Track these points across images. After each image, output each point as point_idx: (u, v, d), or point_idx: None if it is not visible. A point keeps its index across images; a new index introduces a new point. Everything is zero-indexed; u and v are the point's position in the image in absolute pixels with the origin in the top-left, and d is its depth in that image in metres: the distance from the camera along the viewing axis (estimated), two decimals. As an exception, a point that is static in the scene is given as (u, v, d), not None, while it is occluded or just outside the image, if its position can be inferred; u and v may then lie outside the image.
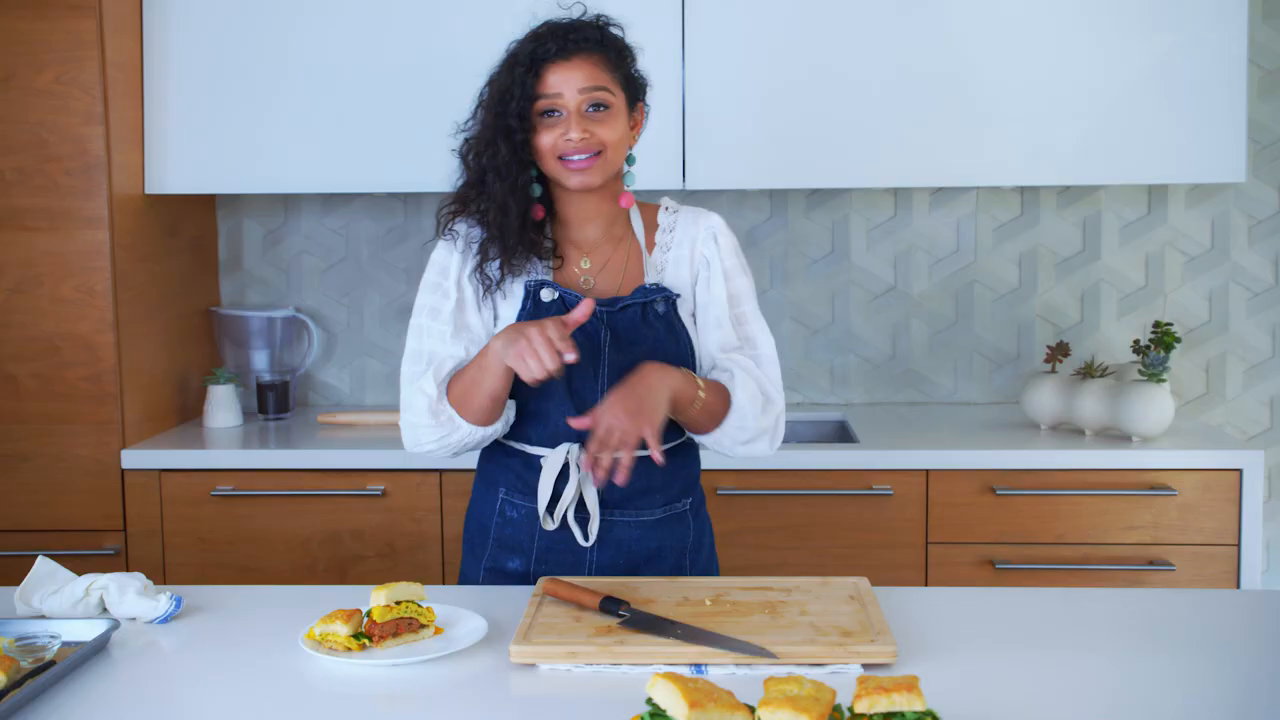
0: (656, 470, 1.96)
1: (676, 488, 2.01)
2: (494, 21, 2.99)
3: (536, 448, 1.96)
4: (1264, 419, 3.43)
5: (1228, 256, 3.40)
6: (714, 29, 3.03)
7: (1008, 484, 2.88)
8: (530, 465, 1.97)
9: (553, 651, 1.57)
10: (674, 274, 2.01)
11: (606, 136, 1.89)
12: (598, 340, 1.92)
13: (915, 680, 1.30)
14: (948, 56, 3.02)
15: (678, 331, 1.97)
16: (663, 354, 1.93)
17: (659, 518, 1.99)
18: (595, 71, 1.89)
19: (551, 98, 1.88)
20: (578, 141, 1.87)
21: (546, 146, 1.89)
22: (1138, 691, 1.51)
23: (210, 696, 1.54)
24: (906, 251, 3.45)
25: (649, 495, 1.97)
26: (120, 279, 2.94)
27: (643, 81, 1.99)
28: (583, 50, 1.89)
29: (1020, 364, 3.45)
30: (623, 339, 1.93)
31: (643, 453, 1.93)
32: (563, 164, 1.90)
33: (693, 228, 2.03)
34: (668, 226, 2.03)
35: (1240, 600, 1.91)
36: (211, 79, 3.07)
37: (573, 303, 1.92)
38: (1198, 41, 2.99)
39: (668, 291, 1.97)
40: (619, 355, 1.92)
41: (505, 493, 2.00)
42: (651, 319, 1.95)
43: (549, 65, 1.88)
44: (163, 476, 2.94)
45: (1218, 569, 2.87)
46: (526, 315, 1.93)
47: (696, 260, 2.01)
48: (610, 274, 1.99)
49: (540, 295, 1.93)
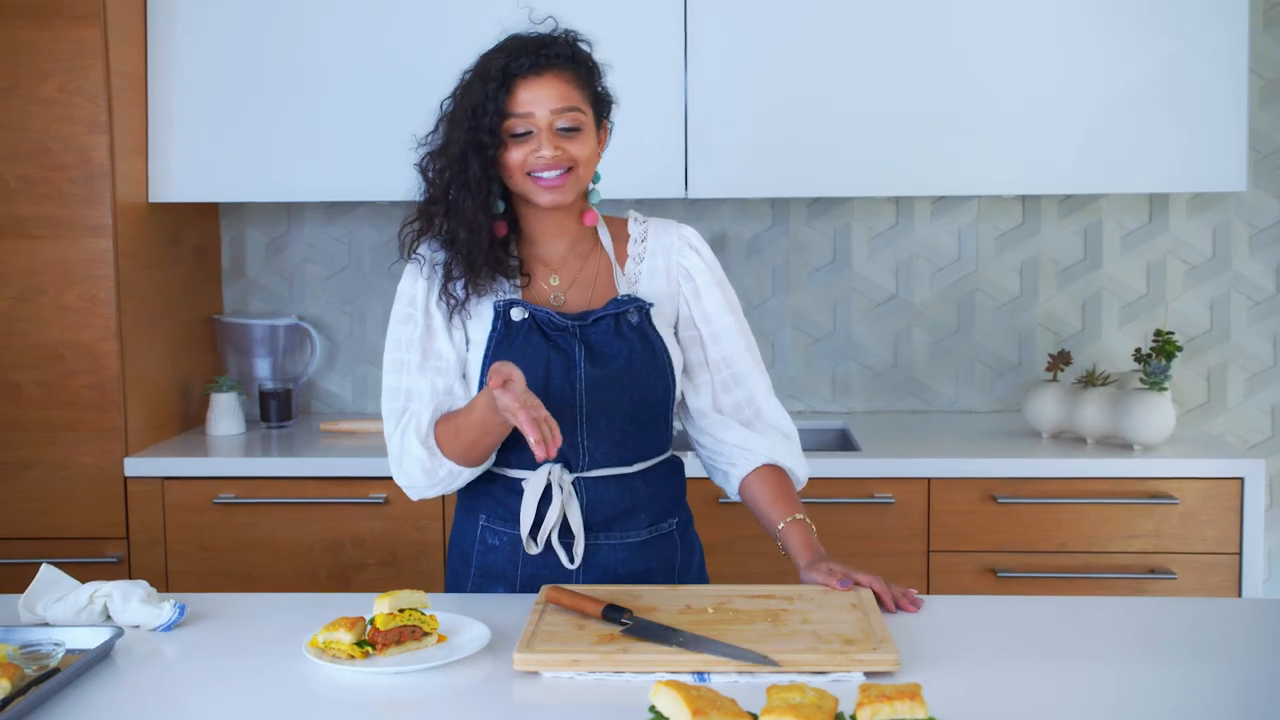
0: (640, 490, 1.94)
1: (661, 507, 1.99)
2: (497, 31, 3.01)
3: (517, 471, 1.93)
4: (1265, 428, 3.43)
5: (1229, 265, 3.40)
6: (716, 38, 3.04)
7: (1009, 492, 2.88)
8: (511, 489, 1.94)
9: (556, 659, 1.57)
10: (648, 285, 1.99)
11: (577, 153, 1.88)
12: (572, 355, 1.90)
13: (918, 688, 1.31)
14: (949, 66, 3.03)
15: (652, 341, 1.94)
16: (638, 365, 1.91)
17: (645, 539, 1.96)
18: (567, 90, 1.87)
19: (523, 116, 1.86)
20: (550, 159, 1.85)
21: (516, 163, 1.87)
22: (1140, 700, 1.51)
23: (214, 704, 1.54)
24: (908, 260, 3.46)
25: (634, 516, 1.95)
26: (124, 287, 2.95)
27: (609, 98, 1.97)
28: (554, 66, 1.87)
29: (1022, 372, 3.46)
30: (597, 352, 1.90)
31: (624, 470, 1.93)
32: (533, 180, 1.87)
33: (665, 237, 2.01)
34: (638, 237, 2.01)
35: (1242, 609, 1.92)
36: (215, 88, 3.08)
37: (543, 320, 1.90)
38: (1198, 50, 3.00)
39: (640, 301, 1.95)
40: (594, 369, 1.90)
41: (486, 519, 1.97)
42: (625, 330, 1.92)
43: (520, 80, 1.86)
44: (165, 484, 2.95)
45: (1219, 578, 2.87)
46: (497, 336, 1.90)
47: (674, 270, 2.00)
48: (580, 289, 1.97)
49: (510, 314, 1.91)
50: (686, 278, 2.00)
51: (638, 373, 1.91)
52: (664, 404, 1.97)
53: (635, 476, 1.95)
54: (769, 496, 1.97)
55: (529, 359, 1.88)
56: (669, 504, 2.01)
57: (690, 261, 2.00)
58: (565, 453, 1.91)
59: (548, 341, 1.90)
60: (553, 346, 1.89)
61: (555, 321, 1.91)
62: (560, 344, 1.90)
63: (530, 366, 1.87)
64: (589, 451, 1.92)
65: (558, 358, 1.89)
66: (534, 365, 1.88)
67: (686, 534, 2.05)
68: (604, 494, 1.92)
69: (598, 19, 1.98)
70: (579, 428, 1.90)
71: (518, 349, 1.89)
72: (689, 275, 2.00)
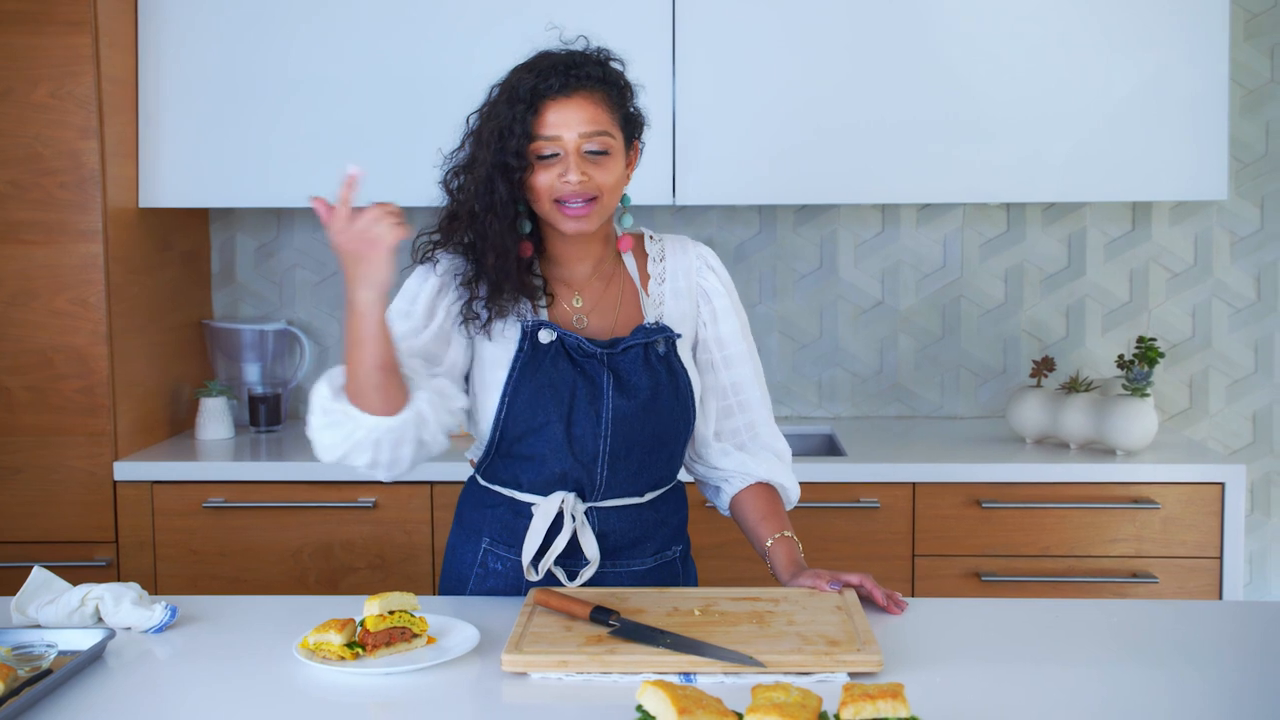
0: (649, 520, 1.94)
1: (667, 535, 1.98)
2: (487, 36, 3.04)
3: (528, 494, 1.91)
4: (1246, 433, 3.47)
5: (1210, 273, 3.44)
6: (705, 46, 3.06)
7: (993, 497, 2.90)
8: (519, 513, 1.91)
9: (544, 660, 1.59)
10: (674, 307, 1.95)
11: (603, 181, 1.82)
12: (599, 383, 1.86)
13: (900, 688, 1.33)
14: (935, 75, 3.06)
15: (677, 373, 1.91)
16: (665, 398, 1.89)
17: (650, 567, 1.96)
18: (596, 112, 1.82)
19: (550, 139, 1.81)
20: (576, 185, 1.80)
21: (543, 187, 1.82)
22: (1122, 701, 1.53)
23: (205, 705, 1.56)
24: (894, 267, 3.48)
25: (642, 545, 1.94)
26: (114, 292, 2.96)
27: (640, 119, 1.92)
28: (585, 88, 1.82)
29: (1006, 378, 3.49)
30: (625, 382, 1.87)
31: (636, 501, 1.92)
32: (558, 208, 1.82)
33: (684, 257, 1.98)
34: (656, 256, 1.98)
35: (1223, 611, 1.93)
36: (205, 94, 3.09)
37: (572, 346, 1.86)
38: (1180, 61, 3.03)
39: (669, 331, 1.91)
40: (622, 399, 1.86)
41: (489, 543, 1.94)
42: (654, 361, 1.89)
43: (548, 102, 1.80)
44: (155, 488, 2.96)
45: (1200, 582, 2.89)
46: (524, 357, 1.85)
47: (694, 291, 1.97)
48: (603, 312, 1.93)
49: (539, 337, 1.86)
50: (705, 300, 1.98)
51: (662, 405, 1.89)
52: (684, 436, 1.95)
53: (645, 506, 1.94)
54: (758, 513, 1.97)
55: (555, 383, 1.85)
56: (675, 532, 2.00)
57: (709, 283, 1.98)
58: (581, 481, 1.89)
59: (575, 367, 1.86)
60: (579, 372, 1.86)
61: (585, 348, 1.86)
62: (588, 370, 1.86)
63: (555, 391, 1.85)
64: (606, 481, 1.90)
65: (584, 384, 1.86)
66: (559, 390, 1.85)
67: (687, 561, 2.05)
68: (615, 524, 1.92)
69: (585, 27, 1.98)
70: (600, 458, 1.88)
71: (544, 372, 1.86)
72: (708, 297, 1.98)
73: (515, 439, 1.88)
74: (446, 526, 2.92)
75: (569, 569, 1.91)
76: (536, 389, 1.85)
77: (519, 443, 1.88)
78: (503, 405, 1.87)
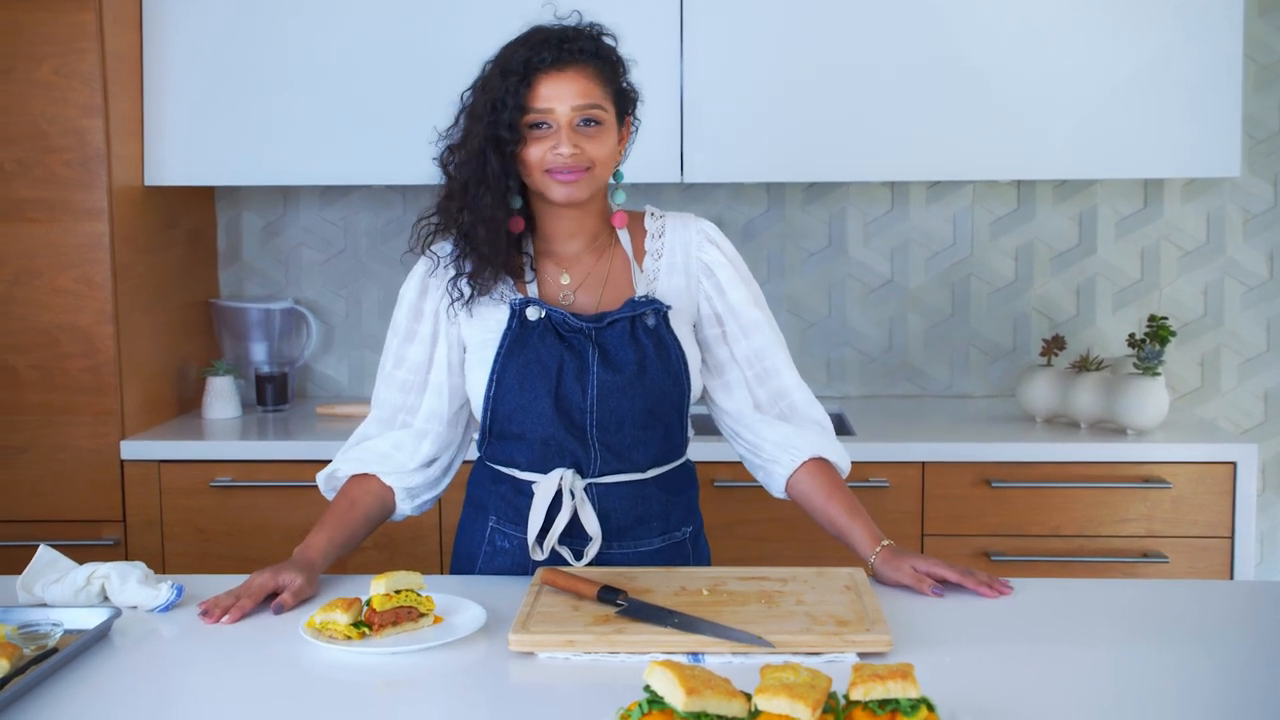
0: (654, 498, 1.93)
1: (676, 516, 1.97)
2: (492, 13, 3.01)
3: (528, 473, 1.91)
4: (1258, 412, 3.45)
5: (1223, 250, 3.41)
6: (712, 23, 3.04)
7: (1003, 477, 2.89)
8: (521, 491, 1.92)
9: (551, 640, 1.58)
10: (666, 282, 1.94)
11: (595, 153, 1.83)
12: (586, 358, 1.87)
13: (910, 668, 1.32)
14: (945, 51, 3.03)
15: (668, 346, 1.90)
16: (653, 371, 1.88)
17: (657, 548, 1.95)
18: (588, 86, 1.83)
19: (542, 111, 1.82)
20: (567, 157, 1.81)
21: (534, 159, 1.83)
22: (1132, 681, 1.52)
23: (211, 684, 1.55)
24: (903, 245, 3.46)
25: (647, 524, 1.93)
26: (119, 270, 2.95)
27: (633, 94, 1.93)
28: (577, 61, 1.83)
29: (1016, 357, 3.47)
30: (611, 356, 1.87)
31: (638, 477, 1.92)
32: (549, 176, 1.83)
33: (683, 232, 1.97)
34: (655, 233, 1.97)
35: (1234, 591, 1.93)
36: (211, 71, 3.08)
37: (558, 321, 1.87)
38: (1193, 36, 3.00)
39: (658, 304, 1.90)
40: (607, 373, 1.86)
41: (495, 521, 1.95)
42: (641, 334, 1.88)
43: (541, 75, 1.82)
44: (162, 467, 2.96)
45: (1211, 561, 2.88)
46: (512, 334, 1.87)
47: (693, 266, 1.96)
48: (590, 288, 1.93)
49: (526, 313, 1.87)
50: (707, 273, 1.96)
51: (651, 378, 1.88)
52: (678, 409, 1.94)
53: (649, 483, 1.93)
54: (823, 493, 1.96)
55: (542, 359, 1.86)
56: (683, 512, 1.99)
57: (710, 256, 1.96)
58: (577, 456, 1.89)
59: (562, 342, 1.87)
60: (567, 347, 1.86)
61: (570, 323, 1.87)
62: (574, 345, 1.87)
63: (543, 367, 1.86)
64: (600, 456, 1.89)
65: (571, 359, 1.86)
66: (546, 366, 1.86)
67: (698, 543, 2.03)
68: (617, 502, 1.91)
69: (591, 4, 1.96)
70: (589, 432, 1.88)
71: (531, 348, 1.86)
72: (709, 271, 1.96)
73: (506, 417, 1.89)
74: (453, 506, 2.90)
75: (576, 549, 1.91)
76: (523, 365, 1.86)
77: (510, 421, 1.89)
78: (491, 383, 1.88)
